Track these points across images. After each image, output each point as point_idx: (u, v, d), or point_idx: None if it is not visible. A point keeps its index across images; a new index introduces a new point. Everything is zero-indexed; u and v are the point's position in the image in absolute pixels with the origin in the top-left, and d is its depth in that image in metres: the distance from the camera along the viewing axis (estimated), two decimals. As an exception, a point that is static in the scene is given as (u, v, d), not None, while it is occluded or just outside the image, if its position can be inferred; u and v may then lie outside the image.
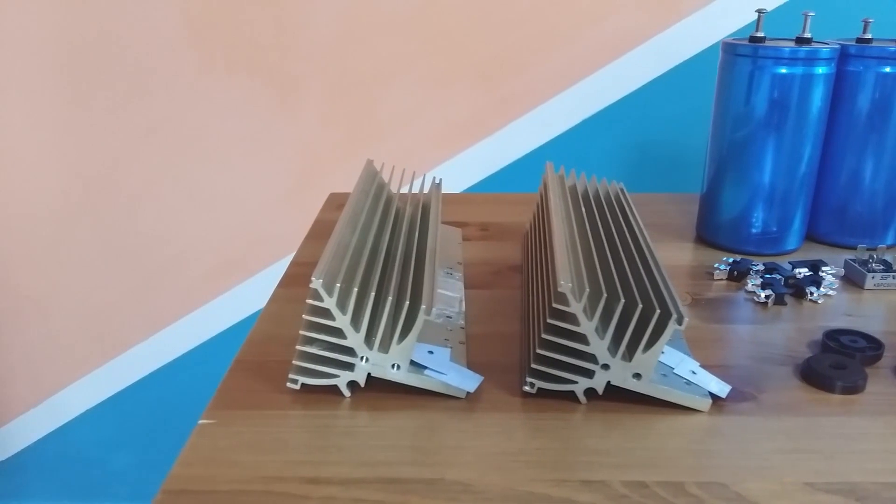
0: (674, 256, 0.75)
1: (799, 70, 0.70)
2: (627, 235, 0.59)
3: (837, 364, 0.52)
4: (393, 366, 0.48)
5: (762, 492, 0.41)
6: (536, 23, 1.11)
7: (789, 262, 0.70)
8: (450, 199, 0.94)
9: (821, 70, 0.70)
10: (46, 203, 1.22)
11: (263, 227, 1.24)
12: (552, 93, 1.16)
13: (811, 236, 0.79)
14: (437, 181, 0.79)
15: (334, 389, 0.49)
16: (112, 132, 1.17)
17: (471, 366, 0.53)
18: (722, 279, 0.69)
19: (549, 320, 0.47)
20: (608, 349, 0.47)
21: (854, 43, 0.74)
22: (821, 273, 0.68)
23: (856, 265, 0.68)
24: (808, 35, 0.72)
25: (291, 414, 0.48)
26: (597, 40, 1.12)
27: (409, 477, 0.42)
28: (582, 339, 0.47)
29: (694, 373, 0.50)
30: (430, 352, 0.52)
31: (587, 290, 0.47)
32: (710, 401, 0.48)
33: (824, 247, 0.77)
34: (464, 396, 0.49)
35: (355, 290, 0.47)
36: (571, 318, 0.47)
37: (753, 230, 0.74)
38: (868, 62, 0.73)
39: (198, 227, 1.25)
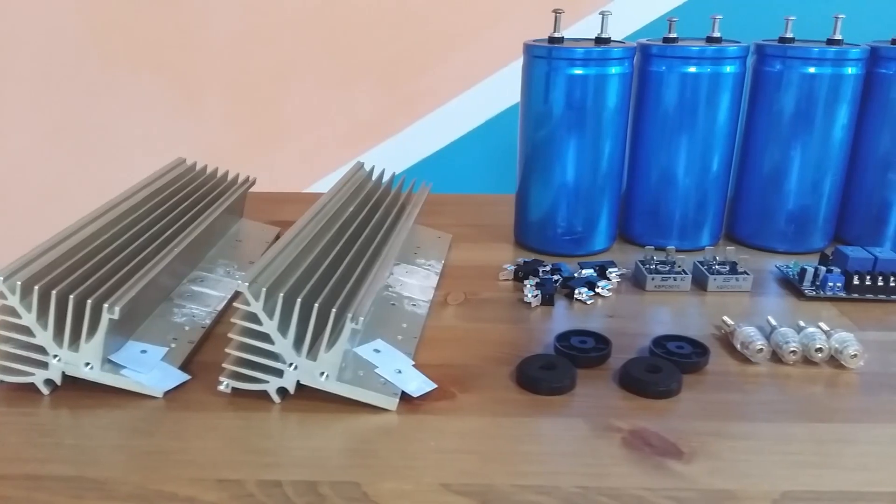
0: (481, 258, 0.74)
1: (592, 70, 0.70)
2: (377, 238, 0.59)
3: (548, 365, 0.51)
4: (86, 364, 0.49)
5: (391, 492, 0.40)
6: (436, 23, 1.11)
7: (579, 264, 0.70)
8: (301, 197, 0.95)
9: (614, 70, 0.70)
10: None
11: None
12: (455, 92, 1.16)
13: (627, 238, 0.78)
14: (251, 179, 0.80)
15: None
16: (16, 132, 1.18)
17: (192, 365, 0.53)
18: (507, 279, 0.68)
19: (232, 319, 0.47)
20: (294, 348, 0.47)
21: (661, 43, 0.73)
22: (608, 274, 0.67)
23: (642, 267, 0.68)
24: (606, 35, 0.72)
25: (-14, 411, 0.48)
26: (496, 41, 1.12)
27: (49, 474, 0.42)
28: (268, 338, 0.47)
29: (399, 372, 0.50)
30: (144, 351, 0.52)
31: (264, 289, 0.47)
32: (398, 400, 0.48)
33: (638, 248, 0.76)
34: (160, 396, 0.49)
35: (36, 288, 0.47)
36: (256, 318, 0.47)
37: (559, 230, 0.74)
38: (672, 62, 0.72)
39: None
